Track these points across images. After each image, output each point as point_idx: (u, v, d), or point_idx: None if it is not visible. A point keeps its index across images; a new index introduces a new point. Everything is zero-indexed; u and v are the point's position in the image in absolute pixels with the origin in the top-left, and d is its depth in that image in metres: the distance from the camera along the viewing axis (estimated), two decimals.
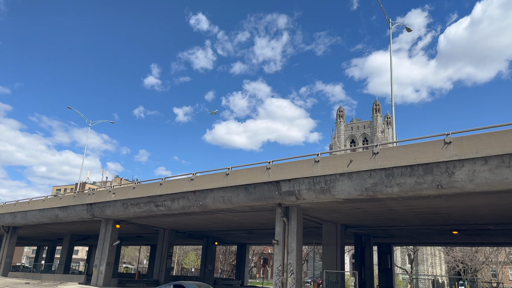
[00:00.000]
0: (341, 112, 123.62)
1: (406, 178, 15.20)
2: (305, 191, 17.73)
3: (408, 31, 32.09)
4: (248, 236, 38.90)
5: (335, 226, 25.39)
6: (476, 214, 20.74)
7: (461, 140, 14.25)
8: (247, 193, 19.80)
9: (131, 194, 25.93)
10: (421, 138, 15.64)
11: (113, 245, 29.59)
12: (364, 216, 23.11)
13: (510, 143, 13.18)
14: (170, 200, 23.63)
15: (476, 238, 30.67)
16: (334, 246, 25.00)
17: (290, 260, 19.33)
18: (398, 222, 24.84)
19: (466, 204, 18.14)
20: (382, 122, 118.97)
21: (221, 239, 43.85)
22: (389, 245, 36.39)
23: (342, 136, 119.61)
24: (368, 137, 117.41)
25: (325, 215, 23.18)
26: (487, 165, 13.60)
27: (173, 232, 35.58)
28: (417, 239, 34.64)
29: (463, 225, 24.17)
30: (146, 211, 25.36)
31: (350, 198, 17.09)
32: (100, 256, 29.50)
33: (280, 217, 19.87)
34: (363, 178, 16.21)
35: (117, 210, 27.14)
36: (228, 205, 21.11)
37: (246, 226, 31.56)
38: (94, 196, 28.92)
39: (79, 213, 30.16)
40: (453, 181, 14.28)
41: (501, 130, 13.59)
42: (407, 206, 19.29)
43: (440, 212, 20.58)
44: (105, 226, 29.98)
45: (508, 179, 13.31)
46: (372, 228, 28.16)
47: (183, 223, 31.26)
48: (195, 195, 22.23)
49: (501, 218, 21.32)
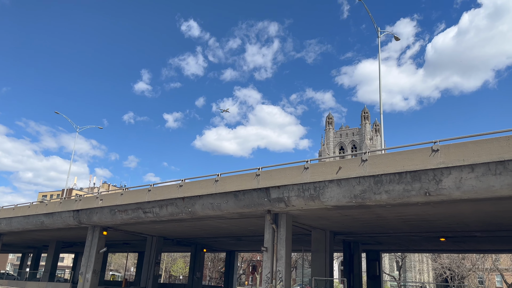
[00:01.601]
0: (330, 119, 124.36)
1: (395, 185, 15.30)
2: (295, 198, 17.73)
3: (396, 40, 32.51)
4: (237, 243, 38.70)
5: (324, 233, 25.40)
6: (463, 221, 20.94)
7: (448, 148, 14.41)
8: (237, 199, 19.72)
9: (119, 200, 25.63)
10: (409, 145, 15.79)
11: (100, 252, 29.16)
12: (353, 223, 23.17)
13: (496, 151, 13.37)
14: (158, 206, 23.42)
15: (463, 245, 30.95)
16: (323, 253, 24.98)
17: (279, 267, 19.25)
18: (386, 229, 24.95)
19: (453, 211, 18.32)
20: (371, 129, 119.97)
21: (210, 246, 43.54)
22: (378, 252, 36.51)
23: (331, 143, 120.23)
24: (357, 144, 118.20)
25: (314, 222, 23.18)
26: (473, 172, 13.76)
27: (161, 239, 35.22)
28: (405, 246, 34.83)
29: (450, 232, 24.38)
30: (134, 217, 25.08)
31: (339, 205, 17.13)
32: (86, 263, 29.04)
33: (269, 224, 19.81)
34: (352, 185, 16.27)
35: (104, 216, 26.79)
36: (217, 212, 21.00)
37: (235, 233, 31.40)
38: (81, 202, 28.53)
39: (65, 220, 29.69)
40: (440, 188, 14.41)
41: (487, 139, 13.79)
42: (396, 213, 19.40)
43: (427, 219, 20.74)
44: (92, 233, 29.55)
45: (494, 187, 13.48)
46: (360, 235, 28.24)
47: (171, 230, 30.98)
48: (183, 201, 22.06)
49: (487, 225, 21.57)
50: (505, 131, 13.64)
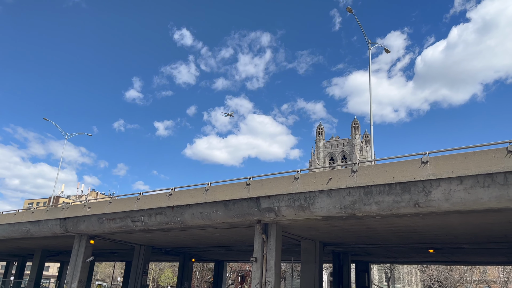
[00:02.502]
0: (320, 129, 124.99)
1: (384, 196, 15.34)
2: (285, 207, 17.67)
3: (386, 52, 32.95)
4: (226, 253, 38.40)
5: (313, 243, 25.33)
6: (452, 233, 21.06)
7: (437, 160, 14.52)
8: (226, 209, 19.60)
9: (107, 208, 25.31)
10: (399, 157, 15.90)
11: (87, 261, 28.68)
12: (343, 234, 23.16)
13: (484, 164, 13.51)
14: (147, 215, 23.17)
15: (451, 257, 31.10)
16: (313, 264, 24.88)
17: (268, 278, 19.10)
18: (376, 240, 24.98)
19: (442, 223, 18.42)
20: (361, 140, 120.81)
21: (199, 256, 43.12)
22: (367, 263, 36.50)
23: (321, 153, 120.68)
24: (347, 154, 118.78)
25: (304, 232, 23.13)
26: (462, 184, 13.87)
27: (149, 248, 34.79)
28: (394, 257, 34.89)
29: (439, 243, 24.49)
30: (122, 226, 24.76)
31: (329, 216, 17.12)
32: (72, 272, 28.52)
33: (259, 234, 19.70)
34: (342, 195, 16.28)
35: (92, 225, 26.41)
36: (206, 221, 20.83)
37: (224, 243, 31.16)
38: (68, 210, 28.10)
39: (51, 228, 29.20)
40: (429, 200, 14.48)
41: (476, 151, 13.94)
42: (385, 224, 19.45)
43: (417, 231, 20.82)
44: (79, 242, 29.08)
45: (482, 199, 13.59)
46: (350, 246, 28.23)
47: (160, 239, 30.64)
48: (173, 210, 21.86)
49: (475, 237, 21.72)
50: (493, 144, 13.82)
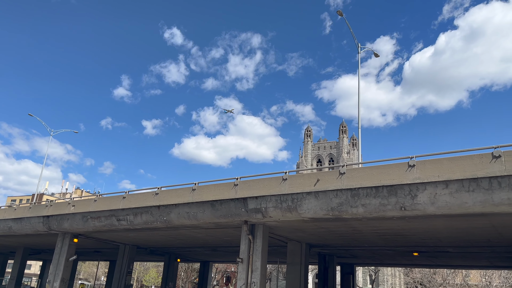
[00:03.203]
0: (309, 131, 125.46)
1: (371, 199, 15.43)
2: (272, 209, 17.65)
3: (376, 56, 33.25)
4: (212, 254, 38.21)
5: (300, 245, 25.36)
6: (436, 237, 21.29)
7: (424, 164, 14.66)
8: (213, 209, 19.50)
9: (92, 207, 24.97)
10: (386, 160, 15.99)
11: (70, 260, 28.24)
12: (329, 236, 23.23)
13: (469, 169, 13.68)
14: (133, 214, 22.92)
15: (435, 260, 31.46)
16: (299, 265, 24.91)
17: (254, 279, 19.04)
18: (361, 243, 25.12)
19: (427, 226, 18.60)
20: (348, 143, 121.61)
21: (184, 256, 42.83)
22: (352, 265, 36.71)
23: (309, 155, 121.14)
24: (334, 157, 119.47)
25: (291, 234, 23.13)
26: (447, 189, 14.02)
27: (134, 247, 34.44)
28: (379, 260, 35.14)
29: (424, 247, 24.74)
30: (107, 225, 24.45)
31: (316, 217, 17.14)
32: (55, 271, 28.05)
33: (246, 235, 19.63)
34: (329, 197, 16.32)
35: (76, 223, 26.03)
36: (193, 221, 20.69)
37: (210, 243, 31.01)
38: (52, 208, 27.65)
39: (34, 226, 28.69)
40: (415, 203, 14.61)
41: (462, 156, 14.11)
42: (371, 226, 19.56)
43: (402, 234, 20.99)
44: (62, 240, 28.63)
45: (467, 203, 13.76)
46: (336, 248, 28.34)
47: (145, 238, 30.34)
48: (159, 210, 21.66)
49: (459, 241, 21.99)
50: (478, 149, 14.00)
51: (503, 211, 13.75)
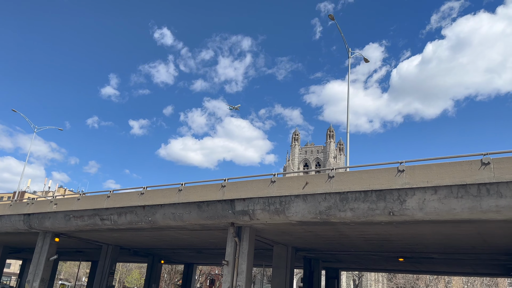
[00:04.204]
0: (296, 135, 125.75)
1: (360, 203, 15.32)
2: (260, 211, 17.42)
3: (366, 62, 33.39)
4: (197, 256, 37.79)
5: (286, 248, 25.16)
6: (422, 243, 21.33)
7: (413, 169, 14.62)
8: (200, 210, 19.18)
9: (75, 206, 24.40)
10: (376, 164, 15.92)
11: (50, 259, 27.55)
12: (316, 240, 23.11)
13: (458, 175, 13.67)
14: (117, 214, 22.45)
15: (420, 266, 31.61)
16: (284, 269, 24.70)
17: (239, 282, 18.77)
18: (347, 247, 25.06)
19: (414, 232, 18.60)
20: (335, 148, 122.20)
21: (168, 258, 42.27)
22: (337, 269, 36.66)
23: (296, 159, 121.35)
24: (321, 161, 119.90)
25: (277, 237, 22.94)
26: (436, 194, 14.00)
27: (117, 248, 33.81)
28: (364, 265, 35.19)
29: (409, 252, 24.79)
30: (90, 224, 23.92)
31: (304, 221, 16.98)
32: (35, 271, 27.33)
33: (232, 237, 19.36)
34: (318, 201, 16.17)
35: (57, 222, 25.40)
36: (178, 223, 20.34)
37: (195, 245, 30.62)
38: (33, 206, 26.95)
39: (14, 224, 27.94)
40: (404, 208, 14.55)
41: (451, 162, 14.10)
42: (358, 231, 19.49)
43: (389, 239, 20.97)
44: (43, 239, 27.93)
45: (455, 210, 13.74)
46: (322, 252, 28.23)
47: (128, 239, 29.81)
48: (144, 210, 21.25)
49: (444, 247, 22.07)
50: (468, 155, 14.02)
51: (491, 218, 13.78)
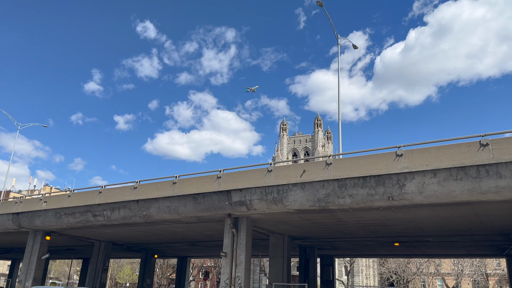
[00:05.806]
0: (284, 125, 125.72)
1: (359, 189, 15.22)
2: (257, 201, 17.21)
3: (354, 48, 33.25)
4: (191, 249, 37.52)
5: (282, 237, 25.08)
6: (419, 226, 21.42)
7: (412, 153, 14.54)
8: (196, 203, 18.89)
9: (65, 203, 23.85)
10: (374, 150, 15.83)
11: (42, 258, 27.01)
12: (312, 228, 23.04)
13: (457, 157, 13.64)
14: (110, 209, 22.01)
15: (414, 250, 31.90)
16: (281, 258, 24.63)
17: (238, 273, 18.60)
18: (344, 234, 25.08)
19: (412, 216, 18.63)
20: (323, 136, 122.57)
21: (162, 252, 41.94)
22: (332, 257, 36.81)
23: (285, 149, 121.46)
24: (310, 150, 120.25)
25: (273, 227, 22.80)
26: (435, 177, 13.96)
27: (110, 244, 33.33)
28: (358, 251, 35.39)
29: (405, 237, 24.92)
30: (82, 221, 23.43)
31: (302, 209, 16.84)
32: (26, 270, 26.77)
33: (229, 228, 19.14)
34: (316, 188, 16.03)
35: (48, 220, 24.83)
36: (174, 216, 20.02)
37: (190, 238, 30.34)
38: (22, 204, 26.30)
39: (3, 223, 27.25)
40: (403, 193, 14.49)
41: (449, 144, 14.06)
42: (356, 217, 19.45)
43: (386, 224, 21.00)
44: (33, 238, 27.33)
45: (455, 192, 13.73)
46: (317, 240, 28.23)
47: (122, 234, 29.37)
48: (138, 204, 20.86)
49: (440, 230, 22.22)
50: (466, 137, 14.00)
51: (490, 199, 13.81)
